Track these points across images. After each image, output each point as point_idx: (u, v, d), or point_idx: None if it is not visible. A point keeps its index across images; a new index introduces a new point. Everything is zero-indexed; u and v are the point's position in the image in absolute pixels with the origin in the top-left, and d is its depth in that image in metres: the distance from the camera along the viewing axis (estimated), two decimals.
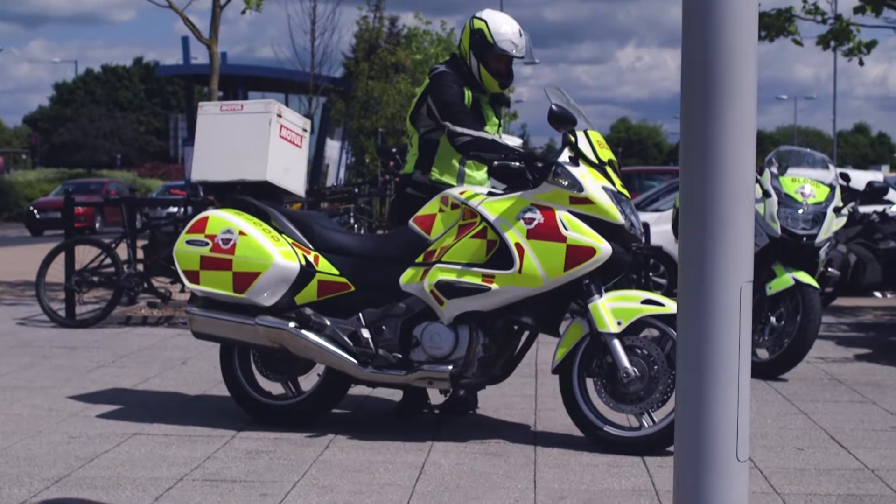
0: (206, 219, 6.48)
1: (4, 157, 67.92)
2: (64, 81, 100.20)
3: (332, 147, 29.02)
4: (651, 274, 12.66)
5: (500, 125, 6.93)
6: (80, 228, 34.86)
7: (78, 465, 5.59)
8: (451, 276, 6.04)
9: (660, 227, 12.79)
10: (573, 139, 6.07)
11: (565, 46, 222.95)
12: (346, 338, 6.26)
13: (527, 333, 6.40)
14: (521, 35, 6.72)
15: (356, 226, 14.23)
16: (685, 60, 3.23)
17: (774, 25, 14.77)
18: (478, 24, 6.74)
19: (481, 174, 6.78)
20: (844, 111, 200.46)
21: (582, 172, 6.00)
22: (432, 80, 6.69)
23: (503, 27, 6.68)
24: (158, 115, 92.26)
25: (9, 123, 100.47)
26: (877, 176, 17.72)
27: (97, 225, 37.39)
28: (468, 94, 6.69)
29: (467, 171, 6.74)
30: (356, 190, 16.51)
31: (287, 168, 6.74)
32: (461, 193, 6.24)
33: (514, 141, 7.54)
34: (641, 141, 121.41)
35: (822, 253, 8.71)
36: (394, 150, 8.20)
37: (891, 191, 12.06)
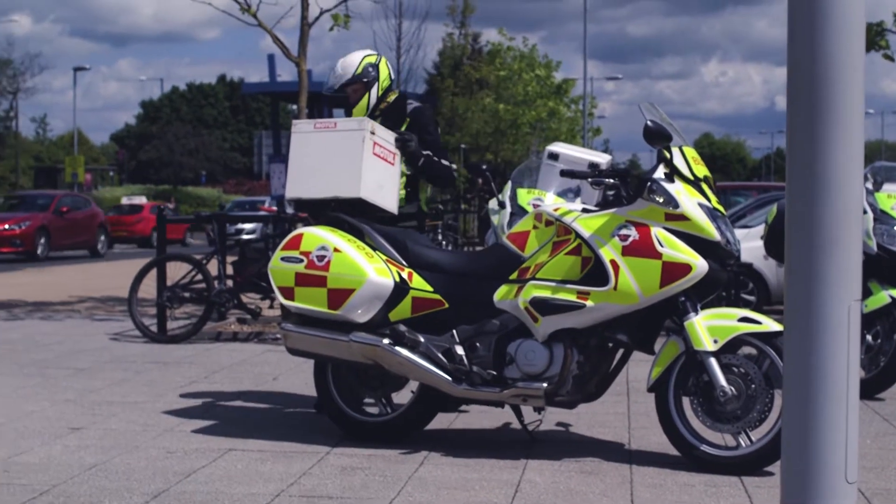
0: (300, 236, 6.52)
1: (92, 173, 68.93)
2: (150, 99, 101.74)
3: None
4: (740, 291, 12.54)
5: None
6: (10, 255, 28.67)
7: (176, 480, 5.64)
8: (546, 293, 6.02)
9: (748, 244, 12.66)
10: (668, 155, 6.03)
11: (648, 61, 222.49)
12: (440, 354, 6.27)
13: (621, 351, 6.35)
14: (333, 69, 7.39)
15: (444, 242, 14.26)
16: (791, 76, 3.20)
17: (865, 39, 14.59)
18: None
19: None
20: None
21: (677, 189, 5.96)
22: None
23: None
24: (243, 132, 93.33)
25: (96, 141, 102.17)
26: None
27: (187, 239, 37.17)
28: None
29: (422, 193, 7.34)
30: (441, 207, 16.53)
31: (380, 185, 6.76)
32: (555, 210, 6.23)
33: (602, 157, 7.52)
34: (725, 156, 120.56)
35: None
36: (484, 166, 8.21)
37: None
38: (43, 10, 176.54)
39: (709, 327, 5.88)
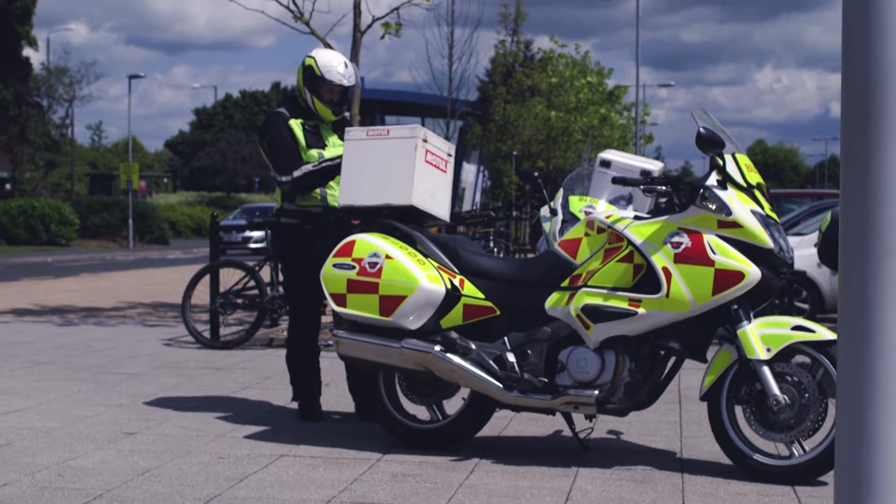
0: (352, 243, 6.53)
1: (147, 180, 69.49)
2: (204, 107, 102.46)
3: (469, 171, 29.15)
4: (793, 299, 12.45)
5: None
6: None
7: (228, 486, 5.67)
8: (598, 301, 6.00)
9: (802, 252, 12.57)
10: (721, 162, 6.00)
11: (702, 68, 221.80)
12: (491, 362, 6.26)
13: (673, 359, 6.32)
14: (346, 66, 7.54)
15: (495, 249, 14.24)
16: (846, 80, 3.16)
17: None
18: (308, 61, 7.53)
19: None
20: None
21: (730, 196, 5.92)
22: (261, 126, 7.59)
23: (331, 61, 7.50)
24: None
25: (151, 148, 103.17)
26: None
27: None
28: (297, 123, 7.44)
29: (328, 191, 7.34)
30: (492, 213, 16.51)
31: (432, 192, 6.77)
32: (607, 217, 6.21)
33: (654, 164, 7.48)
34: (778, 163, 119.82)
35: None
36: (535, 174, 8.20)
37: None
38: (99, 19, 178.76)
39: (762, 336, 5.85)
